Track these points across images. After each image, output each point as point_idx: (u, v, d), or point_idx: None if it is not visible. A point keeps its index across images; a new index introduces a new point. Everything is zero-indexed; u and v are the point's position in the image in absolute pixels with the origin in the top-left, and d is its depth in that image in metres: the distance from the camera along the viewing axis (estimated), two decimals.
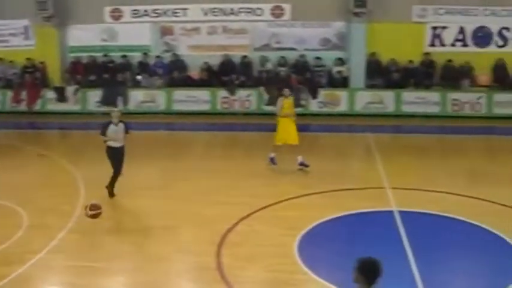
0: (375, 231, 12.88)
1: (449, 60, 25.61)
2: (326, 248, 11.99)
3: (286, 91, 17.80)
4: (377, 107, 25.16)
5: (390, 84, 25.45)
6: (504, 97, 25.17)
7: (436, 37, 26.09)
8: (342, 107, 25.29)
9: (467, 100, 25.23)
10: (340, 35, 26.11)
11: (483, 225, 13.37)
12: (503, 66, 25.69)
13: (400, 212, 13.90)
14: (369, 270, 6.60)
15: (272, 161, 17.51)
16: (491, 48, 26.09)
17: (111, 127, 14.91)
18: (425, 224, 13.60)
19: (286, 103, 17.62)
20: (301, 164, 17.09)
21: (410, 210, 14.15)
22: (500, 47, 26.11)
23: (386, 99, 25.17)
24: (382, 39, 25.66)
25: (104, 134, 14.94)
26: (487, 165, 19.36)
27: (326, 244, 12.23)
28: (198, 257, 11.67)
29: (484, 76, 26.03)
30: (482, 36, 26.10)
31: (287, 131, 17.35)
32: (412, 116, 25.01)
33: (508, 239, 12.65)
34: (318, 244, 12.04)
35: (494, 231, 13.07)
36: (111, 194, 15.08)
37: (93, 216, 12.71)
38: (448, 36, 26.08)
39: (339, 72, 25.53)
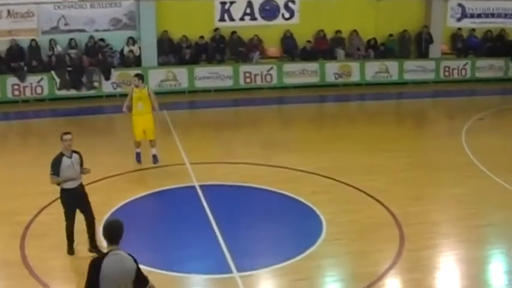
0: (179, 208, 13.01)
1: (234, 32, 26.08)
2: (133, 229, 11.88)
3: (135, 80, 16.15)
4: (171, 84, 25.19)
5: (183, 61, 25.57)
6: (293, 67, 26.13)
7: (225, 12, 26.49)
8: None
9: (258, 72, 25.92)
10: (131, 14, 25.76)
11: (282, 191, 13.92)
12: (291, 38, 26.64)
13: (202, 186, 14.11)
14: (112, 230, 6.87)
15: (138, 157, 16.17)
16: (279, 21, 26.94)
17: (65, 161, 10.79)
18: (227, 196, 13.96)
19: (140, 93, 15.71)
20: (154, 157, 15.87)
21: (211, 183, 14.41)
22: (287, 19, 27.02)
23: (180, 76, 25.25)
24: (172, 17, 25.65)
25: (57, 173, 10.76)
26: (281, 133, 20.13)
27: (132, 225, 12.11)
28: (1, 253, 11.16)
29: (273, 48, 26.87)
30: (269, 10, 26.84)
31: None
32: (206, 91, 25.30)
33: (307, 202, 13.28)
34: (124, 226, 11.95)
35: (293, 195, 13.66)
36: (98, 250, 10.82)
37: None
38: (237, 11, 26.57)
39: (131, 51, 25.27)
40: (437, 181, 15.12)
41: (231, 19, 26.54)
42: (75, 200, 10.92)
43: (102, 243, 9.23)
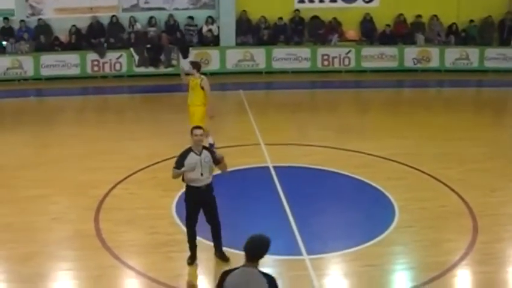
0: (252, 187, 13.15)
1: (317, 17, 26.01)
2: None
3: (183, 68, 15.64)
4: (248, 65, 25.33)
5: (261, 42, 25.65)
6: (371, 51, 25.90)
7: None
8: (214, 66, 25.28)
9: (336, 55, 25.79)
10: None
11: (355, 176, 13.90)
12: (370, 21, 26.39)
13: (275, 167, 14.19)
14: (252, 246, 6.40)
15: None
16: (359, 4, 26.70)
17: (191, 157, 9.91)
18: (300, 178, 14.00)
19: (192, 82, 15.03)
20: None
21: (285, 165, 14.48)
22: (367, 2, 26.75)
23: (257, 57, 25.34)
24: None
25: (179, 168, 9.93)
26: (357, 118, 20.05)
27: None
28: (76, 225, 11.54)
29: (352, 31, 26.67)
30: None
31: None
32: (283, 72, 25.34)
33: (380, 188, 13.23)
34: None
35: (367, 180, 13.62)
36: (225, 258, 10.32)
37: None
38: None
39: (209, 30, 25.48)
40: None
41: (311, 1, 26.46)
42: (200, 200, 10.06)
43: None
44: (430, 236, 11.25)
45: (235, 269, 6.41)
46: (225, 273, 6.40)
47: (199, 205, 10.07)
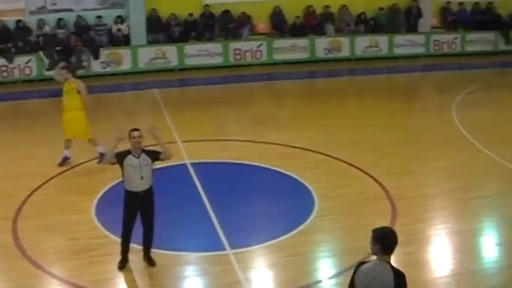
0: (171, 186, 12.98)
1: (227, 11, 25.98)
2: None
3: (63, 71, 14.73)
4: (160, 63, 25.09)
5: (172, 39, 25.46)
6: (283, 43, 26.05)
7: None
8: (125, 65, 24.95)
9: (248, 49, 25.82)
10: None
11: (274, 168, 13.96)
12: (280, 14, 26.54)
13: (193, 164, 14.12)
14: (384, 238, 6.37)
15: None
16: None
17: (130, 160, 9.50)
18: (219, 173, 13.99)
19: (67, 86, 14.33)
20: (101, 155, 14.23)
21: (202, 161, 14.42)
22: None
23: (169, 54, 25.12)
24: None
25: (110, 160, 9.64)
26: (271, 110, 20.16)
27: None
28: None
29: (262, 24, 26.76)
30: None
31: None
32: (196, 68, 25.21)
33: (298, 178, 13.32)
34: (115, 206, 11.76)
35: (285, 172, 13.70)
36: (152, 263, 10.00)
37: None
38: None
39: (119, 30, 25.12)
40: (427, 155, 15.20)
41: None
42: (138, 206, 9.65)
43: None
44: (351, 222, 11.42)
45: (365, 261, 6.41)
46: (360, 264, 6.38)
47: (137, 210, 9.67)
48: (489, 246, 10.96)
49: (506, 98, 20.78)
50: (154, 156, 9.69)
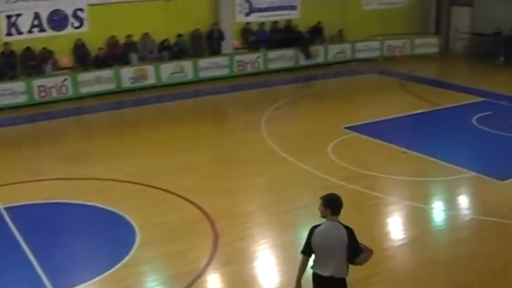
0: None
1: (28, 48, 25.34)
2: None
3: None
4: None
5: None
6: (87, 76, 25.59)
7: (12, 25, 25.51)
8: None
9: (52, 84, 25.23)
10: None
11: (91, 203, 13.83)
12: (83, 46, 26.25)
13: (7, 209, 13.66)
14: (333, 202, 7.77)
15: None
16: (69, 30, 26.37)
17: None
18: (35, 215, 13.62)
19: None
20: None
21: (16, 204, 13.99)
22: (76, 28, 26.52)
23: None
24: None
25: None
26: (83, 144, 19.90)
27: None
28: None
29: (65, 58, 26.31)
30: (57, 20, 26.19)
31: None
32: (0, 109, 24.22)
33: (117, 211, 13.31)
34: None
35: (103, 206, 13.62)
36: None
37: None
38: (24, 23, 25.66)
39: None
40: (241, 173, 15.68)
41: (19, 32, 25.61)
42: None
43: None
44: (174, 249, 11.59)
45: (320, 224, 7.77)
46: (314, 228, 7.78)
47: None
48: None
49: (311, 109, 21.91)
50: None
